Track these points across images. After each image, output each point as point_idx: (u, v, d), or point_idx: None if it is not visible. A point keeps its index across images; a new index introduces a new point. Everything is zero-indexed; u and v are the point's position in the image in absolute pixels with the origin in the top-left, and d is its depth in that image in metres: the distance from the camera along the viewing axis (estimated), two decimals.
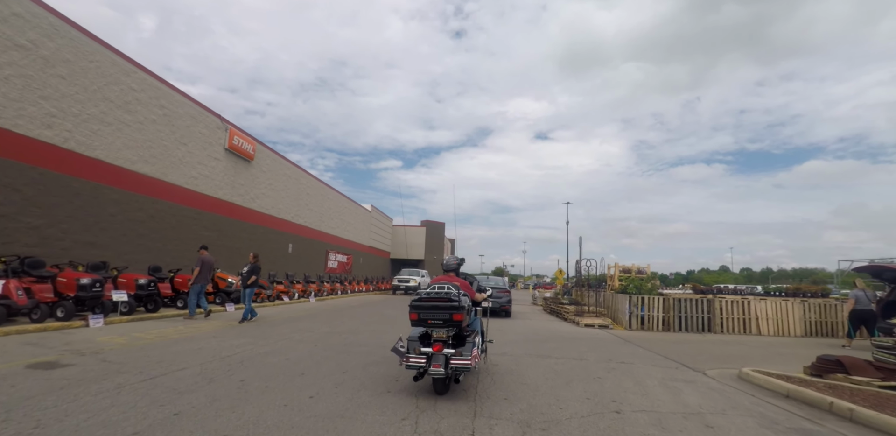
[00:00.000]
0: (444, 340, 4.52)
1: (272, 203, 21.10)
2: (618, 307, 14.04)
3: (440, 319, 4.44)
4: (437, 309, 4.46)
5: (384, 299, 22.51)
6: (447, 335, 4.53)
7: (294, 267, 23.07)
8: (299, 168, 24.24)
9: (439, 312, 4.44)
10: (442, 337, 4.52)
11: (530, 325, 12.97)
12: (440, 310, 4.45)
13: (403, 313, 14.83)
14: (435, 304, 4.48)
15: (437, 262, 49.10)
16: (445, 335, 4.53)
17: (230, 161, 17.71)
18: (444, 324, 4.46)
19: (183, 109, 14.92)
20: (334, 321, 11.22)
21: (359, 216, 35.22)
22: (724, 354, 8.88)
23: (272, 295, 15.49)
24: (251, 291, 10.49)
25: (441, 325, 4.48)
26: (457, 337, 4.63)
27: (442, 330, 4.52)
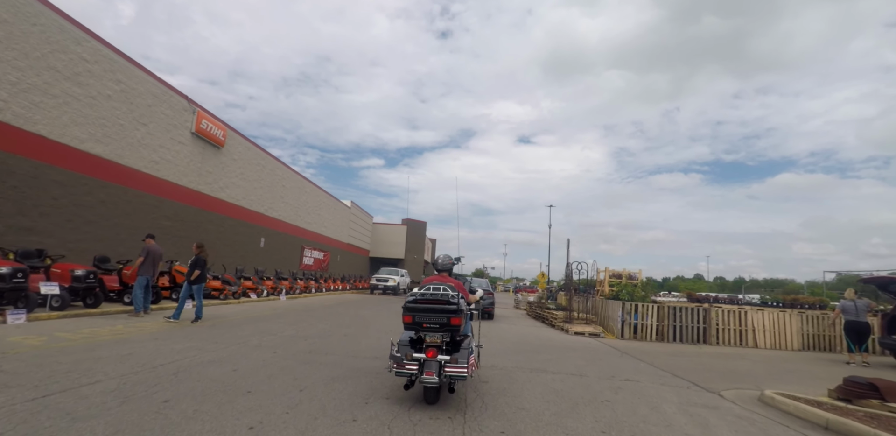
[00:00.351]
0: (437, 345, 4.19)
1: (243, 194, 19.74)
2: (608, 314, 13.26)
3: (436, 323, 4.14)
4: (434, 312, 4.15)
5: (361, 299, 21.35)
6: (441, 340, 4.21)
7: (266, 262, 21.72)
8: (275, 158, 22.91)
9: (436, 316, 4.14)
10: (436, 342, 4.20)
11: (517, 331, 12.05)
12: (437, 313, 4.14)
13: (380, 315, 13.79)
14: (431, 306, 4.16)
15: (417, 262, 47.98)
16: (440, 340, 4.20)
17: (197, 146, 16.36)
18: (441, 328, 4.16)
19: (143, 86, 13.55)
20: (302, 323, 10.09)
21: (338, 212, 33.91)
22: (730, 370, 8.11)
23: (237, 292, 14.22)
24: (198, 288, 9.20)
25: (437, 329, 4.17)
26: (451, 342, 4.29)
27: (436, 335, 4.21)
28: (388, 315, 13.67)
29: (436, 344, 4.20)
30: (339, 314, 12.90)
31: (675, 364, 8.20)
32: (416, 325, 4.22)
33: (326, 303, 17.18)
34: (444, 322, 4.14)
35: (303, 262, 27.17)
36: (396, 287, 28.14)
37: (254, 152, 20.57)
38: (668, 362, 8.37)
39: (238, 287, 14.34)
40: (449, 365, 4.04)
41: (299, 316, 11.58)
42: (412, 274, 44.78)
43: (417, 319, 4.19)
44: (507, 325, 13.67)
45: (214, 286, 13.57)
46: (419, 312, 4.19)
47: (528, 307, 19.23)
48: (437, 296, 4.24)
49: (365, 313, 13.76)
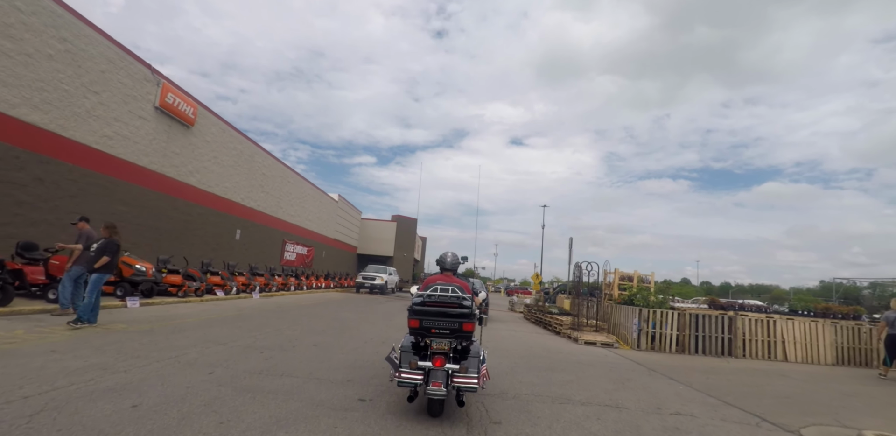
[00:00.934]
0: (445, 352, 3.78)
1: (217, 180, 17.93)
2: (620, 321, 11.77)
3: (447, 328, 3.76)
4: (445, 316, 3.77)
5: (345, 298, 19.66)
6: (449, 347, 3.79)
7: (242, 257, 19.93)
8: (254, 143, 21.09)
9: (447, 321, 3.76)
10: (443, 349, 3.78)
11: (520, 339, 10.50)
12: (449, 317, 3.77)
13: (364, 318, 12.13)
14: (443, 310, 3.78)
15: (406, 260, 46.33)
16: (447, 347, 3.78)
17: (162, 123, 14.54)
18: (451, 334, 3.78)
19: (96, 48, 11.74)
20: (267, 328, 8.42)
21: (324, 206, 32.11)
22: (784, 394, 6.66)
23: (200, 288, 12.47)
24: (96, 280, 6.94)
25: (447, 335, 3.78)
26: (460, 350, 3.90)
27: (444, 341, 3.79)
28: (373, 318, 12.04)
29: (443, 351, 3.76)
30: (315, 316, 11.23)
31: (717, 386, 6.73)
32: (423, 330, 3.79)
33: (305, 302, 15.48)
34: (455, 328, 3.74)
35: (284, 257, 25.38)
36: (384, 286, 26.47)
37: (230, 135, 18.76)
38: (707, 383, 6.89)
39: (201, 283, 12.59)
40: (458, 375, 3.65)
41: (266, 319, 9.90)
42: (401, 272, 43.12)
43: (426, 324, 3.77)
44: (506, 331, 12.12)
45: (173, 282, 11.81)
46: (428, 315, 3.77)
47: (525, 310, 17.71)
48: (448, 298, 3.82)
49: (346, 316, 12.11)
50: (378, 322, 11.13)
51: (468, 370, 3.67)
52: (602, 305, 12.92)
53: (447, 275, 4.59)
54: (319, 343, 7.17)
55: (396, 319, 12.38)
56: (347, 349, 6.84)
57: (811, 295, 62.39)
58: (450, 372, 3.66)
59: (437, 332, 3.76)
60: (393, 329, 9.89)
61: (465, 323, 3.75)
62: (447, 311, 3.77)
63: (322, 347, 6.88)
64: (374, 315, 12.90)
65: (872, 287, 58.14)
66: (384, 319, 12.13)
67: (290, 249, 26.12)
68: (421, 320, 3.78)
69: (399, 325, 10.83)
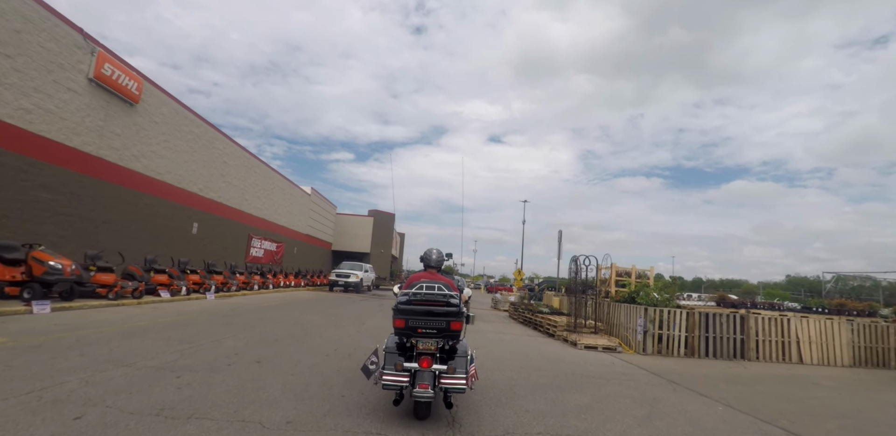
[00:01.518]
0: (432, 352, 3.58)
1: (169, 167, 16.01)
2: (620, 322, 10.57)
3: (434, 327, 3.56)
4: (433, 315, 3.57)
5: (316, 298, 18.01)
6: (436, 347, 3.60)
7: (201, 253, 18.04)
8: (215, 129, 19.15)
9: (434, 320, 3.56)
10: (430, 349, 3.58)
11: (511, 343, 9.16)
12: (436, 316, 3.57)
13: (332, 321, 10.54)
14: (430, 308, 3.59)
15: (384, 256, 44.70)
16: (434, 347, 3.59)
17: (98, 99, 12.61)
18: (438, 334, 3.58)
19: (6, 2, 9.80)
20: (203, 338, 6.83)
21: (295, 199, 30.19)
22: (840, 412, 5.50)
23: (138, 289, 10.70)
24: None
25: (434, 335, 3.57)
26: (447, 349, 3.70)
27: (431, 341, 3.59)
28: (343, 321, 10.52)
29: (430, 351, 3.59)
30: (272, 321, 9.64)
31: (755, 402, 5.53)
32: (409, 330, 3.59)
33: (267, 303, 13.81)
34: (442, 327, 3.56)
35: (250, 253, 23.49)
36: (359, 284, 24.85)
37: (184, 117, 16.81)
38: (742, 399, 5.67)
39: (140, 283, 10.81)
40: (445, 376, 3.49)
41: (210, 326, 8.28)
42: (378, 269, 41.47)
43: (412, 324, 3.58)
44: (494, 334, 10.77)
45: (103, 281, 10.04)
46: (415, 315, 3.58)
47: (511, 309, 16.43)
48: (435, 296, 3.66)
49: (311, 319, 10.54)
50: (347, 327, 9.63)
51: (456, 371, 3.53)
52: (598, 303, 11.70)
53: (431, 272, 4.35)
54: (265, 359, 5.64)
55: (371, 321, 10.89)
56: (301, 368, 5.34)
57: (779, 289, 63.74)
58: (437, 373, 3.52)
59: (424, 331, 3.59)
60: (365, 335, 8.41)
61: (452, 322, 3.59)
62: (434, 309, 3.60)
63: (267, 364, 5.35)
64: (344, 318, 11.37)
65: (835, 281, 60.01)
66: (356, 322, 10.62)
67: (257, 244, 24.22)
68: (407, 320, 3.60)
69: (374, 329, 9.36)
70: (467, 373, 3.55)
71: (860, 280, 60.05)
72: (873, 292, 40.28)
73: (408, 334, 3.63)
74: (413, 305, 3.63)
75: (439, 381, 3.50)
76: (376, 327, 9.92)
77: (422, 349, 3.60)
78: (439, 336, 3.61)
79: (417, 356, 3.58)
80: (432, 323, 3.57)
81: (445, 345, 3.69)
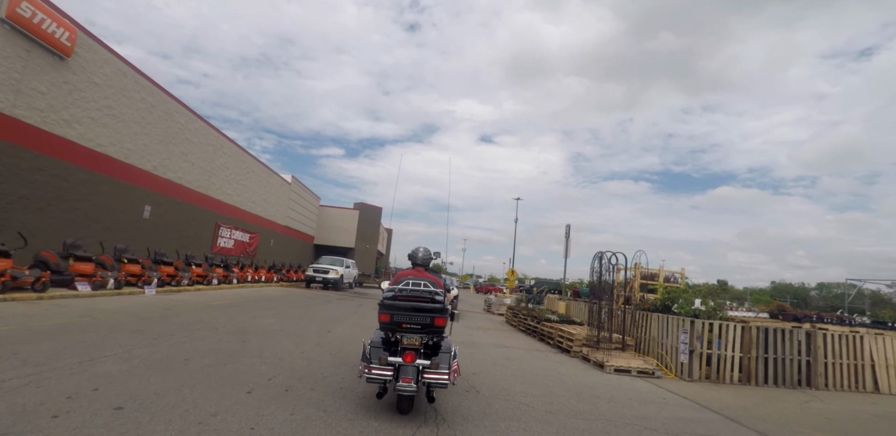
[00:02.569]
0: (416, 348, 3.66)
1: (113, 138, 13.57)
2: (652, 336, 8.49)
3: (418, 323, 3.63)
4: (417, 311, 3.63)
5: (285, 295, 15.71)
6: (420, 343, 3.68)
7: (153, 240, 15.65)
8: (176, 100, 16.69)
9: (418, 315, 3.63)
10: (414, 345, 3.67)
11: (517, 362, 7.00)
12: (420, 312, 3.63)
13: (291, 328, 5.83)
14: (414, 304, 3.65)
15: (369, 252, 42.36)
16: (418, 342, 3.68)
17: (14, 46, 10.19)
18: (422, 329, 3.64)
19: None
20: (66, 357, 4.58)
21: (273, 187, 27.73)
22: None
23: (41, 279, 8.34)
24: None
25: (418, 330, 3.64)
26: (430, 345, 3.76)
27: (415, 336, 3.67)
28: (304, 329, 8.27)
29: (414, 347, 3.67)
30: (205, 327, 7.38)
31: None
32: (394, 325, 3.65)
33: (219, 301, 11.51)
34: (426, 323, 3.63)
35: (217, 244, 21.04)
36: (339, 281, 22.55)
37: (135, 82, 14.37)
38: None
39: (45, 273, 8.46)
40: (428, 371, 3.57)
41: (105, 334, 6.00)
42: (362, 266, 39.09)
43: (396, 319, 3.63)
44: (494, 347, 8.63)
45: None
46: (399, 310, 3.64)
47: (509, 314, 14.31)
48: (420, 292, 3.76)
49: (261, 325, 8.29)
50: (307, 337, 7.41)
51: (439, 366, 3.58)
52: (616, 310, 9.60)
53: (419, 270, 4.45)
54: (137, 401, 3.39)
55: (341, 328, 8.67)
56: (186, 423, 3.11)
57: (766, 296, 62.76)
58: (420, 368, 3.57)
59: (409, 327, 3.64)
60: (326, 352, 6.21)
61: (436, 318, 3.64)
62: (419, 305, 3.66)
63: (130, 416, 3.12)
64: (308, 323, 9.13)
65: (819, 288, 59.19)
66: (320, 329, 8.39)
67: (226, 234, 21.77)
68: (392, 315, 3.64)
69: (342, 341, 7.17)
70: (450, 368, 3.60)
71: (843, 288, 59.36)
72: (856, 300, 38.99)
73: (393, 329, 3.67)
74: (398, 301, 3.66)
75: (422, 375, 3.55)
76: (346, 337, 7.71)
77: (406, 345, 3.67)
78: (423, 332, 3.66)
79: (402, 351, 3.63)
80: (416, 319, 3.62)
81: (430, 341, 3.73)
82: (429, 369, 3.56)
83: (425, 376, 3.55)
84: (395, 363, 3.55)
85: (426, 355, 3.68)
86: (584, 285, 16.64)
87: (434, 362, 3.57)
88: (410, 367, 3.53)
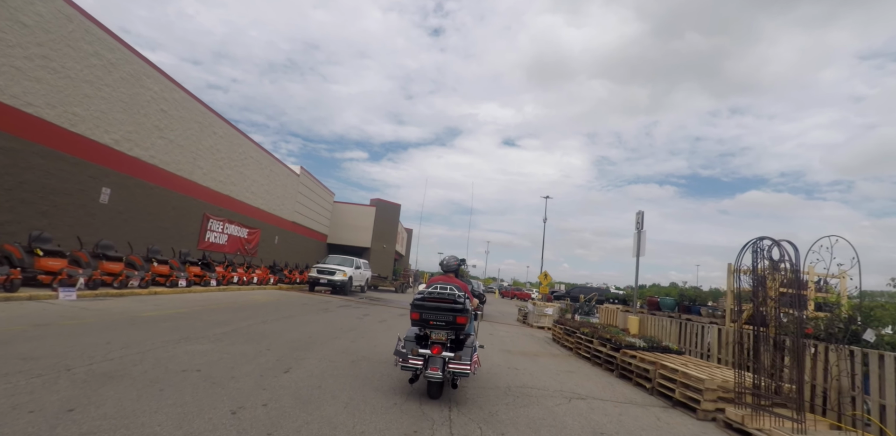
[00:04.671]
0: (442, 342, 4.34)
1: (48, 97, 10.65)
2: (836, 384, 4.86)
3: (442, 320, 4.33)
4: (441, 310, 4.33)
5: (272, 302, 12.57)
6: (446, 338, 4.36)
7: (116, 231, 12.79)
8: (147, 62, 13.78)
9: (442, 314, 4.32)
10: (441, 339, 4.34)
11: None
12: (443, 311, 4.32)
13: (226, 366, 3.69)
14: (438, 304, 4.34)
15: (386, 252, 39.24)
16: (445, 338, 4.35)
17: None
18: (447, 326, 4.34)
19: None
20: None
21: (277, 177, 24.83)
22: None
23: None
24: None
25: (443, 327, 4.35)
26: (455, 340, 4.46)
27: (442, 332, 4.35)
28: (257, 362, 4.90)
29: (441, 341, 4.31)
30: (55, 368, 4.15)
31: None
32: (423, 322, 4.35)
33: (158, 312, 8.38)
34: (450, 320, 4.29)
35: (206, 238, 18.13)
36: (346, 283, 19.37)
37: (85, 30, 11.47)
38: None
39: None
40: (453, 362, 4.18)
41: None
42: (379, 267, 35.99)
43: (425, 317, 4.33)
44: (555, 391, 5.18)
45: None
46: (426, 309, 4.32)
47: (558, 330, 10.76)
48: (445, 295, 4.39)
49: (183, 355, 5.04)
50: (238, 385, 4.08)
51: (462, 358, 4.20)
52: (768, 338, 5.95)
53: (448, 276, 5.22)
54: None
55: (312, 361, 5.32)
56: None
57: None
58: (446, 359, 4.17)
59: (435, 323, 4.30)
60: (261, 430, 2.86)
61: (458, 316, 4.26)
62: (442, 306, 4.30)
63: None
64: (263, 350, 5.82)
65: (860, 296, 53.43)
66: (276, 366, 5.06)
67: (217, 228, 18.84)
68: (421, 313, 4.32)
69: (295, 397, 3.78)
70: (471, 360, 4.24)
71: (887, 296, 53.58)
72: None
73: (422, 324, 4.37)
74: (426, 302, 4.34)
75: (448, 366, 4.17)
76: (309, 384, 4.37)
77: (434, 339, 4.33)
78: (448, 328, 4.32)
79: (431, 345, 4.28)
80: (441, 317, 4.29)
81: (457, 336, 4.42)
82: (453, 360, 4.18)
83: (450, 366, 4.16)
84: (425, 355, 4.18)
85: (452, 349, 4.29)
86: (662, 294, 12.91)
87: (458, 355, 4.23)
88: (438, 358, 4.16)
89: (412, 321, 4.38)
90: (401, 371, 4.90)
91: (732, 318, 7.73)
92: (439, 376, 4.07)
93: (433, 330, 4.32)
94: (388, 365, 5.65)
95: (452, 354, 4.19)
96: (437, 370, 4.06)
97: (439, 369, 4.08)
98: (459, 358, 4.17)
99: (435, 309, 4.27)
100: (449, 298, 4.33)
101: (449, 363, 4.15)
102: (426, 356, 4.16)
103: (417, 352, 4.15)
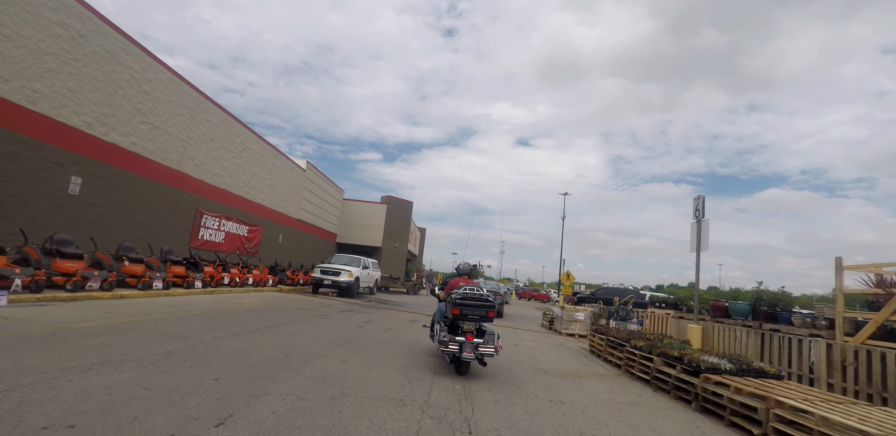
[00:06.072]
0: (472, 331, 5.49)
1: (1, 69, 9.20)
2: None
3: (479, 315, 5.52)
4: (479, 307, 5.53)
5: (263, 307, 10.96)
6: (474, 328, 5.53)
7: (89, 226, 11.35)
8: (127, 37, 12.31)
9: (479, 310, 5.53)
10: (471, 329, 5.51)
11: None
12: (481, 308, 5.54)
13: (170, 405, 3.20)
14: (477, 303, 5.53)
15: (398, 252, 37.58)
16: (473, 328, 5.52)
17: None
18: (480, 319, 5.55)
19: None
20: None
21: (280, 172, 23.35)
22: None
23: None
24: None
25: (477, 319, 5.54)
26: (479, 330, 5.63)
27: (472, 324, 5.53)
28: (181, 405, 3.20)
29: (471, 330, 5.51)
30: None
31: None
32: (462, 316, 5.50)
33: (103, 320, 6.78)
34: (483, 315, 5.55)
35: (200, 236, 16.67)
36: (352, 284, 17.69)
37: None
38: None
39: None
40: (482, 346, 5.45)
41: None
42: (389, 267, 34.36)
43: (464, 312, 5.49)
44: None
45: None
46: (467, 307, 5.50)
47: (598, 341, 8.91)
48: (480, 296, 5.62)
49: (69, 402, 3.31)
50: None
51: (488, 343, 5.51)
52: None
53: (465, 278, 6.42)
54: None
55: (268, 401, 3.58)
56: None
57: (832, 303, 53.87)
58: (476, 344, 5.43)
59: (472, 317, 5.51)
60: None
61: (489, 311, 5.59)
62: (479, 304, 5.54)
63: None
64: (205, 382, 4.13)
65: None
66: (210, 413, 3.34)
67: (212, 224, 17.37)
68: (461, 309, 5.47)
69: None
70: (495, 345, 5.50)
71: None
72: None
73: (461, 318, 5.51)
74: (466, 301, 5.52)
75: (477, 349, 5.43)
76: None
77: (466, 329, 5.49)
78: (479, 320, 5.57)
79: (463, 334, 5.46)
80: (478, 312, 5.52)
81: (480, 327, 5.68)
82: (482, 345, 5.45)
83: (479, 350, 5.43)
84: (460, 342, 5.36)
85: (478, 336, 5.52)
86: (730, 298, 10.97)
87: (485, 340, 5.51)
88: (470, 343, 5.37)
89: (453, 315, 5.52)
90: (396, 421, 3.41)
91: (845, 329, 5.81)
92: (472, 357, 5.34)
93: (465, 322, 5.51)
94: (382, 403, 3.92)
95: (481, 340, 5.45)
96: (470, 353, 5.31)
97: (472, 351, 5.34)
98: (487, 343, 5.48)
99: (474, 307, 5.50)
100: (484, 297, 5.61)
101: (479, 347, 5.42)
102: (461, 343, 5.34)
103: (454, 339, 5.34)
